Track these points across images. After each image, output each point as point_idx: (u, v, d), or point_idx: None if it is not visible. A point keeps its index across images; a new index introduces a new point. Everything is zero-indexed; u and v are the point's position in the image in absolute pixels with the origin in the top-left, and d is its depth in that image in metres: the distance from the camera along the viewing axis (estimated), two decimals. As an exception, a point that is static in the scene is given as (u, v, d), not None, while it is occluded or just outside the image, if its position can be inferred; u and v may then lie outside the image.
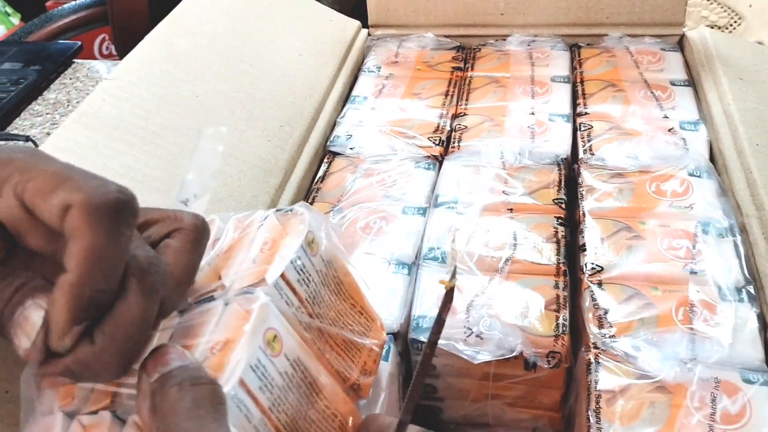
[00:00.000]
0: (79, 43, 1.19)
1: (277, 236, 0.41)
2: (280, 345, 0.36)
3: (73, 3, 1.62)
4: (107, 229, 0.30)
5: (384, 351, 0.47)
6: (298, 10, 0.91)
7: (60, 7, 1.63)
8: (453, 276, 0.45)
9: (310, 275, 0.40)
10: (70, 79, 1.10)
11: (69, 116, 0.65)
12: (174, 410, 0.30)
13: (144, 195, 0.59)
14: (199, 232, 0.35)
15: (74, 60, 1.15)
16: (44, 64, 1.11)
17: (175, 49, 0.77)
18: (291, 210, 0.43)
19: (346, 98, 0.84)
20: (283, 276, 0.38)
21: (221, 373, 0.33)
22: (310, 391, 0.38)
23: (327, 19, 0.91)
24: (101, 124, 0.65)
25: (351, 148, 0.75)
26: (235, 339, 0.34)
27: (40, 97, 1.05)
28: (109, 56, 1.70)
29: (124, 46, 1.44)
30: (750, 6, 1.32)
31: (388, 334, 0.53)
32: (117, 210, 0.30)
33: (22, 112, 1.01)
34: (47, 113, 1.01)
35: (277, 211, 0.43)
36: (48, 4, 1.82)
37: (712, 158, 0.69)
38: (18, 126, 0.98)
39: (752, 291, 0.55)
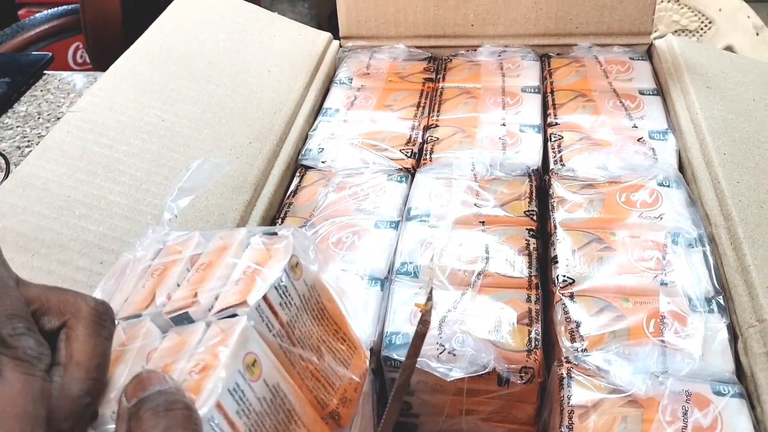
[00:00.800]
0: (50, 54, 1.17)
1: (261, 259, 0.40)
2: (259, 369, 0.36)
3: (46, 12, 1.59)
4: None
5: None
6: (266, 29, 0.91)
7: (32, 17, 1.60)
8: (429, 298, 0.45)
9: (292, 299, 0.40)
10: (41, 91, 1.08)
11: (32, 152, 0.65)
12: None
13: (108, 221, 0.60)
14: (99, 317, 0.34)
15: (45, 71, 1.13)
16: (14, 75, 1.09)
17: (142, 77, 0.77)
18: (276, 233, 0.42)
19: (318, 110, 0.83)
20: (265, 298, 0.38)
21: (199, 396, 0.32)
22: (288, 418, 0.37)
23: (296, 34, 0.91)
24: (64, 156, 0.65)
25: (323, 162, 0.74)
26: (214, 362, 0.34)
27: (10, 110, 1.04)
28: (83, 65, 1.68)
29: (98, 55, 1.43)
30: (720, 10, 1.33)
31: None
32: None
33: (-8, 126, 1.00)
34: (17, 126, 1.00)
35: (264, 233, 0.43)
36: (20, 12, 1.80)
37: (681, 168, 0.70)
38: (-13, 140, 0.97)
39: (722, 301, 0.56)
